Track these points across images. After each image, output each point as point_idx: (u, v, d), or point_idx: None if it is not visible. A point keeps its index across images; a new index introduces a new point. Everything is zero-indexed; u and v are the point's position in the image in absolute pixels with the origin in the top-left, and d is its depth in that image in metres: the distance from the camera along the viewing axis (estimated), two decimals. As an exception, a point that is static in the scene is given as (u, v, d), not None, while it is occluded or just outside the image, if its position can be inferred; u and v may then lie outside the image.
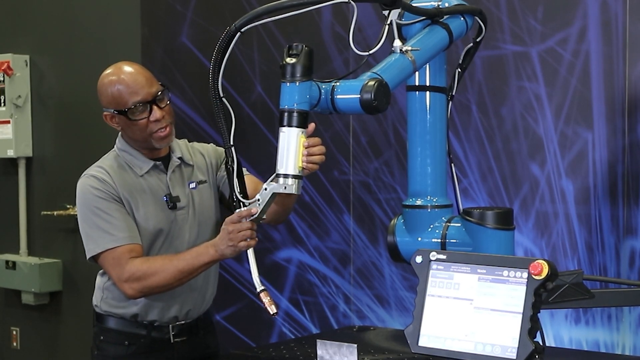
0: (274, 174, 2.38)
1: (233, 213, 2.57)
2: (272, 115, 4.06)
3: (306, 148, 2.35)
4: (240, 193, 2.51)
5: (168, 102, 2.82)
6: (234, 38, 2.35)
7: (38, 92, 5.27)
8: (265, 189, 2.41)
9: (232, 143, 2.45)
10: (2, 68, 5.19)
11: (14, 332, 5.45)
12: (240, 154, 2.52)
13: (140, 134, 2.80)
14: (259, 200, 2.45)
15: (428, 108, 2.53)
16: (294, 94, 2.30)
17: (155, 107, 2.77)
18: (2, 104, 5.24)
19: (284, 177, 2.36)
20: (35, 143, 5.28)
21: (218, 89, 2.39)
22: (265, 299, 2.46)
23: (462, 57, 2.67)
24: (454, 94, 2.64)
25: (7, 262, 5.27)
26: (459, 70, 2.66)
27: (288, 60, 2.29)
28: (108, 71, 2.82)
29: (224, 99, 2.41)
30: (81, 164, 3.00)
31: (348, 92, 2.32)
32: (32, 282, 5.14)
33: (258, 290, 2.47)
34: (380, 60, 2.41)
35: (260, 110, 4.14)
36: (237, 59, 4.14)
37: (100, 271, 2.91)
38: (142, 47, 4.58)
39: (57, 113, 5.19)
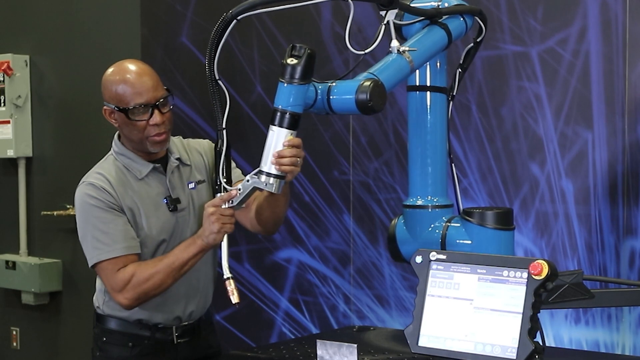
0: (257, 169, 2.40)
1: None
2: (272, 115, 4.06)
3: (277, 152, 2.35)
4: (224, 177, 2.53)
5: (170, 108, 2.80)
6: (229, 25, 2.36)
7: (38, 92, 5.27)
8: (248, 181, 2.43)
9: (224, 126, 2.46)
10: (2, 68, 5.19)
11: (14, 332, 5.45)
12: (240, 154, 2.52)
13: (136, 135, 2.78)
14: (239, 189, 2.47)
15: (429, 108, 2.53)
16: (289, 96, 2.31)
17: (156, 112, 2.74)
18: (2, 104, 5.24)
19: (267, 176, 2.38)
20: (35, 143, 5.28)
21: (214, 71, 2.40)
22: (230, 287, 2.50)
23: (462, 57, 2.67)
24: (454, 94, 2.64)
25: (7, 262, 5.27)
26: (460, 70, 2.66)
27: (289, 60, 2.29)
28: (115, 67, 2.80)
29: (219, 82, 2.41)
30: (81, 164, 3.00)
31: (344, 93, 2.32)
32: (32, 282, 5.14)
33: (225, 277, 2.51)
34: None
35: (260, 110, 4.13)
36: (237, 59, 4.14)
37: None
38: (142, 47, 4.58)
39: (57, 113, 5.19)
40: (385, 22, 2.41)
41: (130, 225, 2.77)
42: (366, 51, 2.34)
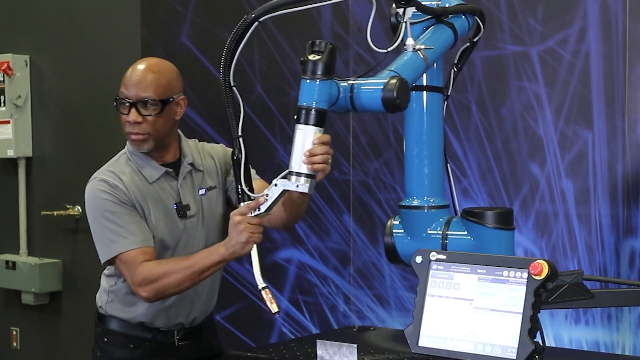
0: (286, 171, 2.33)
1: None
2: (272, 116, 4.06)
3: (308, 151, 2.30)
4: (246, 185, 2.46)
5: (154, 114, 2.73)
6: (250, 27, 2.33)
7: (38, 92, 5.26)
8: (275, 185, 2.35)
9: (240, 133, 2.42)
10: (2, 68, 5.19)
11: (14, 332, 5.45)
12: (240, 154, 2.51)
13: (122, 127, 2.79)
14: (267, 195, 2.40)
15: (425, 108, 2.53)
16: (313, 92, 2.28)
17: (133, 110, 2.72)
18: (2, 104, 5.23)
19: (297, 176, 2.32)
20: (35, 143, 5.28)
21: (229, 77, 2.38)
22: (267, 297, 2.44)
23: (457, 57, 2.66)
24: (449, 93, 2.63)
25: (7, 262, 5.27)
26: (454, 69, 2.65)
27: (311, 57, 2.26)
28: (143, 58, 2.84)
29: (234, 88, 2.39)
30: (81, 164, 3.00)
31: (369, 91, 2.30)
32: (32, 282, 5.14)
33: (260, 287, 2.45)
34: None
35: (260, 110, 4.13)
36: (237, 59, 4.13)
37: (106, 272, 2.89)
38: (142, 47, 4.58)
39: (57, 113, 5.18)
40: (405, 19, 2.38)
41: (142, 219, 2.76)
42: (389, 49, 2.32)
